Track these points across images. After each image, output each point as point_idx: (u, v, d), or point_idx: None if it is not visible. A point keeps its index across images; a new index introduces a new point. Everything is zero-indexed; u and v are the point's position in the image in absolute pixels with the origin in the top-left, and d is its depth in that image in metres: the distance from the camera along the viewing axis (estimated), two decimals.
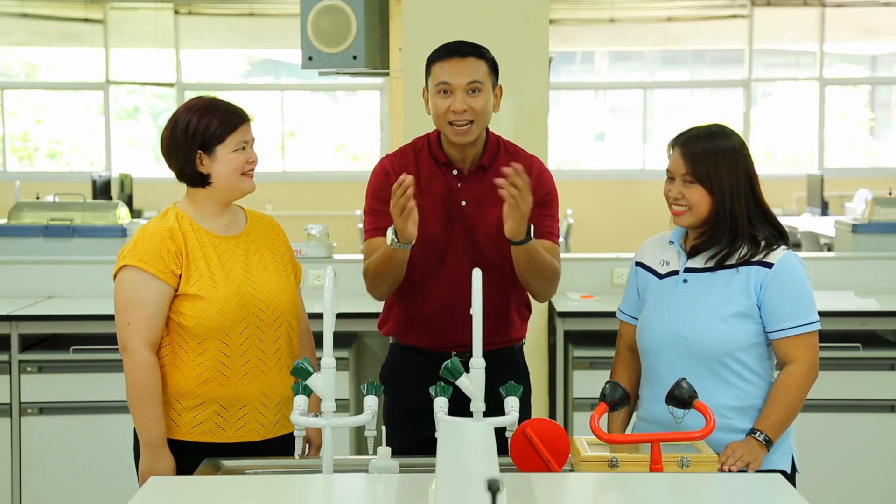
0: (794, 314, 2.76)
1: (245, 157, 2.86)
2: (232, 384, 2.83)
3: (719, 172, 2.77)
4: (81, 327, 4.62)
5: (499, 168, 3.02)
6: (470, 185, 3.10)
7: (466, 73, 3.01)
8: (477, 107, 3.01)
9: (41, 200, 6.17)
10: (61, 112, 12.34)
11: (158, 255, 2.81)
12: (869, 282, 5.14)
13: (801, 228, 9.07)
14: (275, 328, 2.90)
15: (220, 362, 2.82)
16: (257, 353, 2.86)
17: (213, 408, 2.83)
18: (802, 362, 2.76)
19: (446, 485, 1.76)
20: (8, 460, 4.56)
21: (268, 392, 2.88)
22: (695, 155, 2.78)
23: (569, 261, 5.31)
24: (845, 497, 4.58)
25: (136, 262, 2.82)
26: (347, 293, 4.42)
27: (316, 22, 4.40)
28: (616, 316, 3.04)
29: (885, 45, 12.54)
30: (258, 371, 2.86)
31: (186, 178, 2.89)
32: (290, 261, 3.05)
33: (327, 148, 12.35)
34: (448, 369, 2.47)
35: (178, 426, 2.85)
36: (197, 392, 2.82)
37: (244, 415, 2.86)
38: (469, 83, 3.00)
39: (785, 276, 2.77)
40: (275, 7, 11.67)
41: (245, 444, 2.86)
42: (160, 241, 2.83)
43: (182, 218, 2.89)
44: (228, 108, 2.87)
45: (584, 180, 11.81)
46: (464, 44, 3.07)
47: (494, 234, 3.04)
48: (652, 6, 11.88)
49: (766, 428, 2.70)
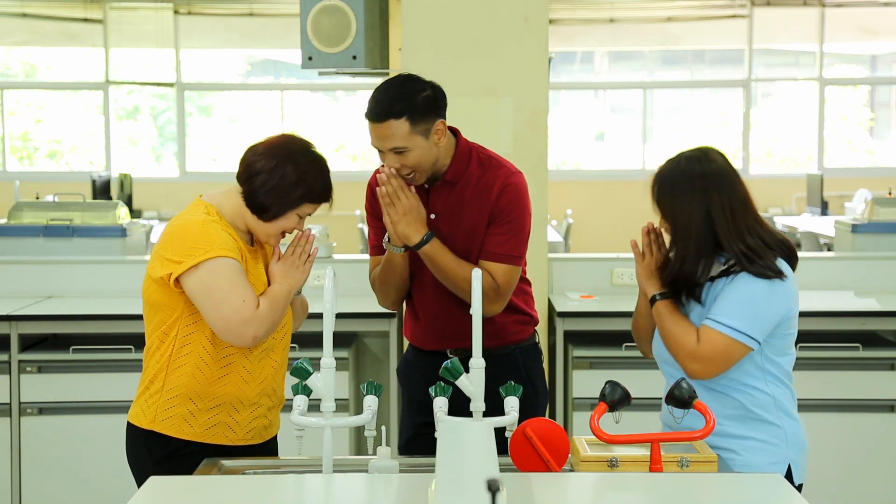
0: (714, 311, 2.73)
1: (292, 225, 2.83)
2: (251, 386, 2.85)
3: (672, 205, 2.79)
4: (81, 327, 4.62)
5: (468, 180, 3.07)
6: (440, 197, 3.10)
7: (385, 139, 2.96)
8: (410, 163, 2.98)
9: (41, 200, 6.17)
10: (61, 112, 12.34)
11: (232, 240, 2.76)
12: (869, 282, 5.14)
13: (801, 228, 9.07)
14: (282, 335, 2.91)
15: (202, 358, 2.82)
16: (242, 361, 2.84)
17: (226, 409, 2.83)
18: (703, 343, 2.72)
19: (446, 485, 1.76)
20: (8, 460, 4.56)
21: (278, 390, 2.91)
22: (657, 196, 2.83)
23: (569, 261, 5.32)
24: (845, 497, 4.58)
25: (223, 251, 2.72)
26: (347, 293, 4.42)
27: (316, 22, 4.40)
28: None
29: (885, 45, 12.54)
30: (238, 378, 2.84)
31: (250, 202, 2.80)
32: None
33: (327, 148, 12.35)
34: (448, 369, 2.47)
35: (192, 427, 2.79)
36: (216, 394, 2.82)
37: (256, 417, 2.87)
38: (391, 149, 2.97)
39: (735, 284, 2.74)
40: (275, 7, 11.67)
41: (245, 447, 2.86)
42: (223, 230, 2.76)
43: (218, 216, 2.81)
44: (327, 189, 2.85)
45: (584, 180, 11.81)
46: (380, 103, 2.98)
47: (467, 244, 3.08)
48: (652, 6, 11.88)
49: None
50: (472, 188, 3.08)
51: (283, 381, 2.93)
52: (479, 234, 3.09)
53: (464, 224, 3.06)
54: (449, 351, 3.10)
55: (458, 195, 3.08)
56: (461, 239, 3.08)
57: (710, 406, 2.70)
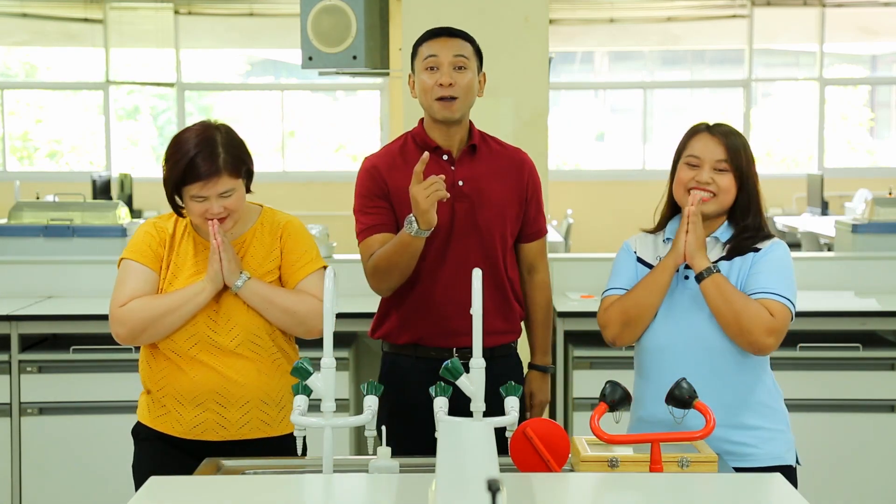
0: (769, 284, 2.75)
1: (205, 207, 2.84)
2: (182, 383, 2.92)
3: (750, 165, 2.81)
4: (81, 327, 4.62)
5: (489, 149, 3.16)
6: (463, 165, 3.14)
7: (454, 48, 3.10)
8: (462, 83, 3.07)
9: (41, 200, 6.17)
10: (61, 112, 12.34)
11: (147, 246, 2.93)
12: (869, 282, 5.14)
13: (801, 228, 9.07)
14: (231, 338, 2.90)
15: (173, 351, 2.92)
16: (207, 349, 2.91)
17: (212, 407, 2.90)
18: (777, 316, 2.73)
19: (446, 485, 1.76)
20: (8, 460, 4.56)
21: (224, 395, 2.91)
22: (733, 142, 2.80)
23: (569, 261, 5.32)
24: (845, 497, 4.58)
25: (128, 254, 2.95)
26: (347, 293, 4.42)
27: (316, 22, 4.40)
28: (603, 295, 2.93)
29: (885, 45, 12.54)
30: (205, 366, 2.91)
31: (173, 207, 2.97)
32: (284, 260, 2.99)
33: (327, 148, 12.35)
34: (448, 369, 2.47)
35: (180, 424, 2.92)
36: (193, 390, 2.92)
37: (245, 412, 2.90)
38: (456, 56, 3.08)
39: (770, 255, 2.79)
40: (275, 7, 11.67)
41: (235, 443, 2.90)
42: (148, 234, 2.95)
43: (181, 221, 2.98)
44: (196, 162, 2.81)
45: (584, 180, 11.81)
46: (450, 28, 3.17)
47: (497, 210, 3.12)
48: (652, 6, 11.88)
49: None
50: (496, 158, 3.18)
51: (254, 382, 2.90)
52: (509, 210, 3.15)
53: (493, 194, 3.13)
54: (455, 349, 3.09)
55: (481, 162, 3.16)
56: (492, 201, 3.13)
57: (727, 397, 2.71)
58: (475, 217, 3.11)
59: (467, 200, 3.10)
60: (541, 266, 3.31)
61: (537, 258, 3.30)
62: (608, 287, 2.94)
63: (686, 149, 2.83)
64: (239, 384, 2.89)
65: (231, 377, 2.89)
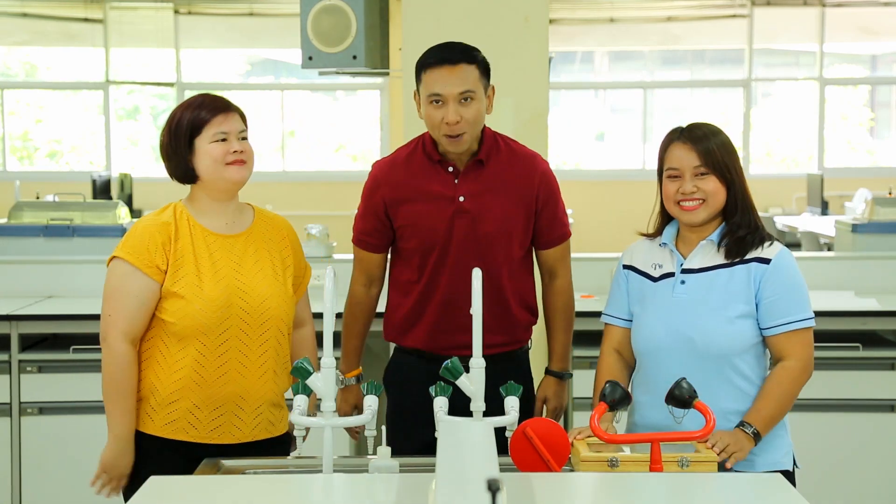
0: (791, 310, 2.76)
1: (225, 148, 2.82)
2: (207, 385, 2.81)
3: (729, 161, 2.79)
4: (81, 327, 4.61)
5: (499, 160, 3.08)
6: (468, 179, 3.09)
7: (458, 83, 2.97)
8: (469, 117, 2.99)
9: (41, 200, 6.17)
10: (61, 112, 12.34)
11: (146, 249, 2.80)
12: (869, 282, 5.14)
13: (801, 228, 9.07)
14: (261, 332, 2.85)
15: (197, 362, 2.80)
16: (238, 356, 2.82)
17: (185, 405, 2.81)
18: (798, 358, 2.75)
19: (446, 485, 1.76)
20: (8, 460, 4.56)
21: (245, 395, 2.84)
22: (705, 146, 2.78)
23: None
24: (845, 497, 4.58)
25: (124, 254, 2.82)
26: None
27: (316, 22, 4.40)
28: (601, 319, 3.00)
29: (885, 44, 12.54)
30: (237, 374, 2.82)
31: (180, 176, 2.88)
32: (294, 265, 3.01)
33: (327, 148, 12.35)
34: (448, 369, 2.47)
35: (153, 421, 2.84)
36: (171, 389, 2.81)
37: (219, 416, 2.83)
38: (461, 93, 2.98)
39: (783, 272, 2.77)
40: (275, 7, 11.67)
41: (221, 447, 2.82)
42: (149, 234, 2.82)
43: (181, 213, 2.88)
44: (206, 100, 2.85)
45: (584, 180, 11.80)
46: (453, 48, 3.03)
47: (498, 226, 3.08)
48: (652, 6, 11.88)
49: (755, 421, 2.68)
50: (504, 170, 3.10)
51: (263, 386, 2.88)
52: (514, 224, 3.11)
53: (496, 207, 3.07)
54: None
55: (489, 175, 3.09)
56: (494, 217, 3.08)
57: (721, 400, 2.71)
58: (475, 232, 3.08)
59: (468, 216, 3.07)
60: (561, 271, 3.29)
61: (557, 263, 3.27)
62: (605, 311, 3.00)
63: (665, 161, 2.84)
64: (257, 386, 2.86)
65: (253, 381, 2.86)
